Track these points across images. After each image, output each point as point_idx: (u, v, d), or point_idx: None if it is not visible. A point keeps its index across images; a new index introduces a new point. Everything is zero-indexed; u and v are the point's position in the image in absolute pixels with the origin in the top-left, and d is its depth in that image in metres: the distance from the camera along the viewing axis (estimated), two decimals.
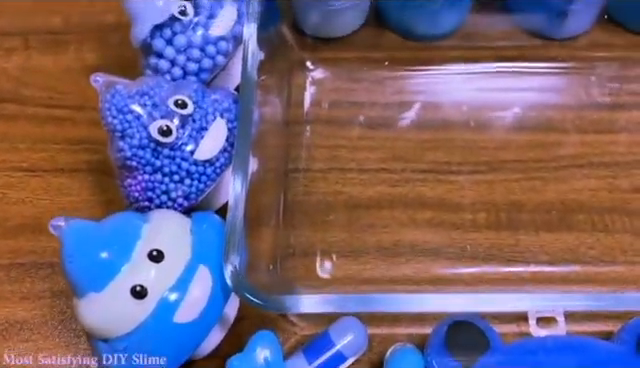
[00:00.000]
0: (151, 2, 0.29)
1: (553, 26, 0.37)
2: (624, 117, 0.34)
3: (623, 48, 0.37)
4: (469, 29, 0.38)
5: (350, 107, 0.35)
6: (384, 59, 0.36)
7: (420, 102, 0.35)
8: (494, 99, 0.35)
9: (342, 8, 0.35)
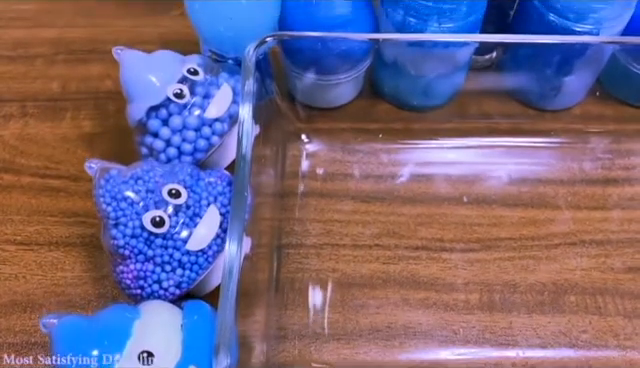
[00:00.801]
0: (148, 84, 0.30)
1: (547, 98, 0.37)
2: (616, 192, 0.35)
3: (615, 120, 0.38)
4: (463, 99, 0.38)
5: (344, 179, 0.35)
6: (378, 130, 0.37)
7: (413, 175, 0.35)
8: (487, 173, 0.35)
9: (337, 82, 0.36)
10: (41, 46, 0.41)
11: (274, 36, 0.31)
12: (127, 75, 0.30)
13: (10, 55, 0.40)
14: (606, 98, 0.38)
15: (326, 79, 0.35)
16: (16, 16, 0.43)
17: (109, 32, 0.42)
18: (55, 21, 0.42)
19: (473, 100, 0.38)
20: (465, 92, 0.38)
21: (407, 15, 0.33)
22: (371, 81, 0.38)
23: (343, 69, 0.35)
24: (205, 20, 0.31)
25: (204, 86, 0.31)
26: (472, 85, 0.39)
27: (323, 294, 0.31)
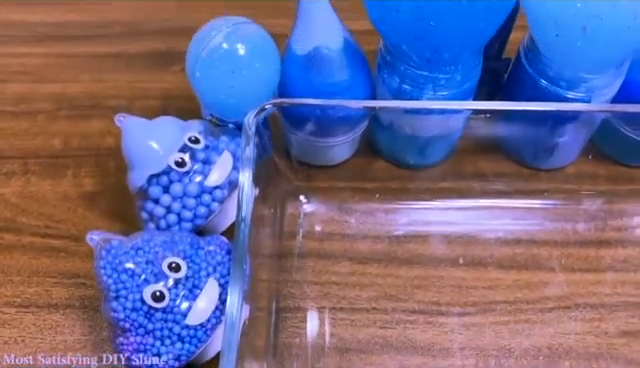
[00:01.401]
0: (150, 152, 0.30)
1: (540, 159, 0.38)
2: (609, 254, 0.35)
3: (608, 179, 0.38)
4: (459, 158, 0.39)
5: (341, 239, 0.35)
6: (375, 189, 0.37)
7: (410, 236, 0.35)
8: (483, 234, 0.36)
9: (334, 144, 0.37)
10: (43, 101, 0.41)
11: (274, 104, 0.32)
12: (129, 142, 0.31)
13: (13, 110, 0.41)
14: (600, 157, 0.39)
15: (324, 141, 0.36)
16: (20, 70, 0.44)
17: (111, 87, 0.42)
18: (58, 76, 0.43)
19: (468, 159, 0.39)
20: (461, 151, 0.39)
21: (403, 82, 0.33)
22: (368, 139, 0.39)
23: (341, 132, 0.36)
24: (206, 88, 0.32)
25: (205, 153, 0.31)
26: (467, 144, 0.39)
27: (321, 361, 0.31)
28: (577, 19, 0.30)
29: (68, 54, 0.44)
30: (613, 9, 0.29)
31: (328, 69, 0.33)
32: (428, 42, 0.31)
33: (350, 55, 0.33)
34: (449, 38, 0.31)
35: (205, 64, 0.31)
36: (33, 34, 0.46)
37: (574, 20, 0.30)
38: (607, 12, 0.29)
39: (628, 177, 0.38)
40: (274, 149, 0.36)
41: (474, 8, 0.30)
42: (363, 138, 0.38)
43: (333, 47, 0.32)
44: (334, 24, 0.32)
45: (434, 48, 0.31)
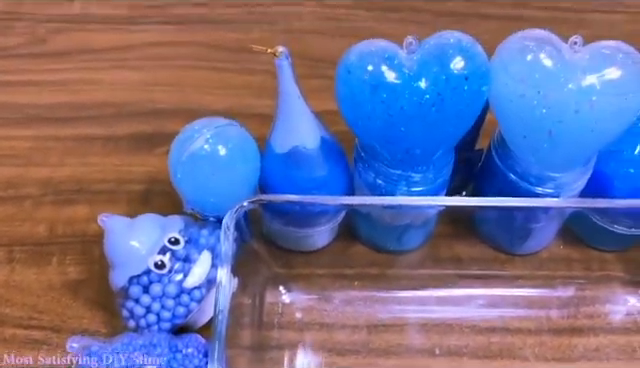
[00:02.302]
0: (130, 253, 0.31)
1: (514, 245, 0.39)
2: (582, 343, 0.36)
3: (581, 264, 0.39)
4: (436, 242, 0.40)
5: (320, 329, 0.36)
6: (354, 276, 0.38)
7: (388, 326, 0.36)
8: (459, 323, 0.36)
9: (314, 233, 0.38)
10: (31, 186, 0.42)
11: (251, 201, 0.33)
12: (110, 243, 0.32)
13: (1, 196, 0.42)
14: (574, 242, 0.40)
15: (303, 231, 0.37)
16: (10, 153, 0.44)
17: (98, 171, 0.43)
18: (47, 159, 0.44)
19: (445, 244, 0.40)
20: (438, 235, 0.40)
21: (377, 178, 0.35)
22: (348, 224, 0.40)
23: (320, 223, 0.37)
24: (187, 188, 0.33)
25: (185, 250, 0.32)
26: (445, 229, 0.41)
27: None
28: (543, 124, 0.32)
29: (57, 137, 0.46)
30: (576, 115, 0.31)
31: (306, 167, 0.34)
32: (400, 145, 0.32)
33: (327, 152, 0.35)
34: (420, 142, 0.32)
35: (186, 167, 0.32)
36: (24, 116, 0.47)
37: (540, 124, 0.32)
38: (570, 118, 0.31)
39: (601, 261, 0.39)
40: (254, 237, 0.37)
41: (443, 115, 0.31)
42: (343, 223, 0.40)
43: (310, 146, 0.34)
44: (311, 124, 0.34)
45: (405, 150, 0.33)
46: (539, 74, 0.31)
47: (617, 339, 0.36)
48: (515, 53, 0.32)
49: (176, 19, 0.56)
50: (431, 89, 0.30)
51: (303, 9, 0.56)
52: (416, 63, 0.31)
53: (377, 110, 0.31)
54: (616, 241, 0.39)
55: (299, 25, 0.55)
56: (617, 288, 0.38)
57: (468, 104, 0.32)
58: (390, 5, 0.57)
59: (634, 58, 0.32)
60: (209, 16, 0.56)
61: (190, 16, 0.56)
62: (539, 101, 0.31)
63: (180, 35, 0.54)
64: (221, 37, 0.53)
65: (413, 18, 0.57)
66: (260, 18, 0.55)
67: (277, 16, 0.56)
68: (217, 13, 0.57)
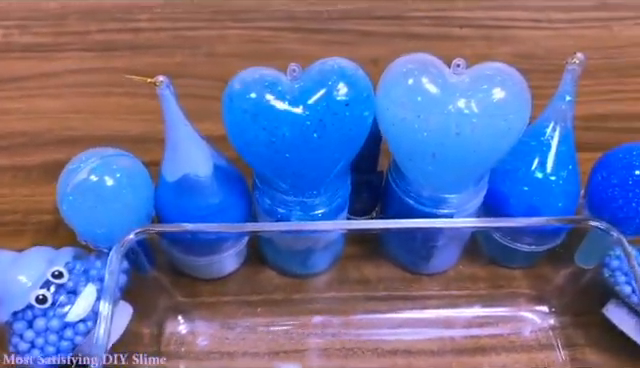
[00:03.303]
0: (12, 288, 0.31)
1: (419, 265, 0.39)
2: (486, 362, 0.36)
3: (487, 281, 0.40)
4: (344, 263, 0.40)
5: (221, 358, 0.36)
6: (259, 302, 0.38)
7: (290, 352, 0.36)
8: (362, 347, 0.36)
9: (218, 260, 0.37)
10: None
11: (139, 232, 0.33)
12: None
13: None
14: (480, 260, 0.40)
15: (204, 259, 0.37)
16: None
17: (7, 201, 0.42)
18: None
19: (353, 265, 0.40)
20: (346, 257, 0.40)
21: (273, 204, 0.35)
22: (256, 250, 0.40)
23: (219, 250, 0.37)
24: (75, 220, 0.33)
25: (73, 282, 0.32)
26: (353, 250, 0.41)
27: None
28: (426, 147, 0.32)
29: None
30: (457, 137, 0.31)
31: (198, 194, 0.34)
32: (287, 171, 0.32)
33: (222, 179, 0.35)
34: (307, 167, 0.32)
35: (71, 198, 0.32)
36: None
37: (423, 147, 0.32)
38: (452, 140, 0.31)
39: (508, 278, 0.40)
40: (156, 266, 0.37)
41: (326, 141, 0.31)
42: (252, 248, 0.40)
43: (202, 173, 0.34)
44: (202, 152, 0.34)
45: (294, 176, 0.33)
46: (419, 98, 0.31)
47: (520, 357, 0.36)
48: (397, 77, 0.32)
49: (100, 46, 0.55)
50: (312, 115, 0.31)
51: (228, 32, 0.57)
52: (298, 90, 0.31)
53: (260, 137, 0.31)
54: (520, 258, 0.39)
55: (223, 48, 0.55)
56: (523, 305, 0.38)
57: (351, 129, 0.32)
58: (315, 27, 0.58)
59: (515, 80, 0.32)
60: (134, 42, 0.56)
61: (115, 42, 0.56)
62: (420, 125, 0.31)
63: (101, 61, 0.53)
64: (141, 62, 0.53)
65: (338, 39, 0.57)
66: (184, 42, 0.56)
67: (201, 40, 0.56)
68: (143, 38, 0.57)
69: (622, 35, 0.58)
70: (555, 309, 0.38)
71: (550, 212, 0.36)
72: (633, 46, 0.57)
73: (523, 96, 0.32)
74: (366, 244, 0.41)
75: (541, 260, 0.40)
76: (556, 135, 0.36)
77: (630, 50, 0.57)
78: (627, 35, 0.58)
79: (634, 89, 0.53)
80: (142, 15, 0.58)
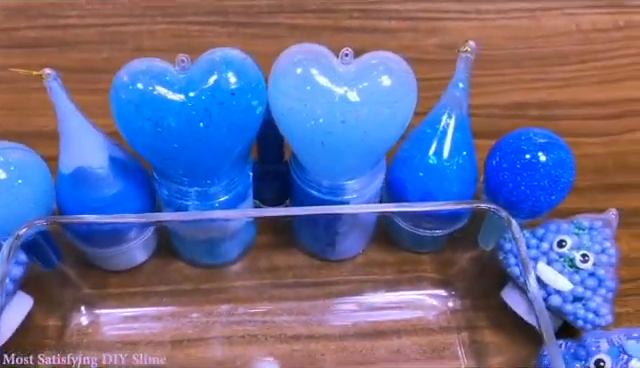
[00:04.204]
0: None
1: (326, 251, 0.40)
2: (384, 345, 0.37)
3: (395, 266, 0.41)
4: (255, 253, 0.41)
5: (123, 348, 0.36)
6: (166, 293, 0.38)
7: (193, 340, 0.36)
8: (265, 334, 0.37)
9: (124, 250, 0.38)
10: None
11: (33, 225, 0.33)
12: None
13: None
14: (389, 245, 0.41)
15: (108, 250, 0.37)
16: None
17: None
18: None
19: (265, 255, 0.41)
20: (259, 246, 0.41)
21: (170, 194, 0.35)
22: (166, 240, 0.40)
23: (125, 240, 0.37)
24: None
25: None
26: (265, 240, 0.41)
27: None
28: (314, 135, 0.32)
29: None
30: (343, 125, 0.32)
31: (94, 186, 0.34)
32: (178, 161, 0.33)
33: (120, 171, 0.35)
34: (197, 157, 0.33)
35: None
36: None
37: (312, 136, 0.32)
38: (338, 129, 0.32)
39: (415, 263, 0.41)
40: (64, 259, 0.37)
41: (214, 130, 0.32)
42: (162, 239, 0.40)
43: (96, 165, 0.34)
44: (96, 143, 0.34)
45: (185, 166, 0.33)
46: (306, 87, 0.32)
47: (419, 340, 0.37)
48: (286, 68, 0.33)
49: (28, 42, 0.55)
50: (197, 105, 0.31)
51: (156, 27, 0.57)
52: (184, 80, 0.32)
53: (146, 128, 0.31)
54: (425, 244, 0.40)
55: (150, 43, 0.55)
56: (427, 289, 0.39)
57: (240, 118, 0.32)
58: (245, 21, 0.58)
59: (399, 68, 0.33)
60: (62, 38, 0.56)
61: (42, 39, 0.56)
62: (307, 114, 0.32)
63: (28, 58, 0.53)
64: (67, 58, 0.53)
65: (267, 33, 0.57)
66: (112, 38, 0.56)
67: (128, 35, 0.56)
68: (72, 34, 0.57)
69: (548, 25, 0.59)
70: (457, 292, 0.39)
71: (445, 197, 0.36)
72: (558, 36, 0.58)
73: (408, 84, 0.33)
74: (278, 234, 0.41)
75: (447, 245, 0.41)
76: (451, 122, 0.37)
77: (555, 40, 0.58)
78: (553, 25, 0.59)
79: (556, 78, 0.54)
80: (72, 12, 0.58)
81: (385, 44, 0.58)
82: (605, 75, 0.54)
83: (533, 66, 0.55)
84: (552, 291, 0.33)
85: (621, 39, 0.58)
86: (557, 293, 0.33)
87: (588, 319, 0.33)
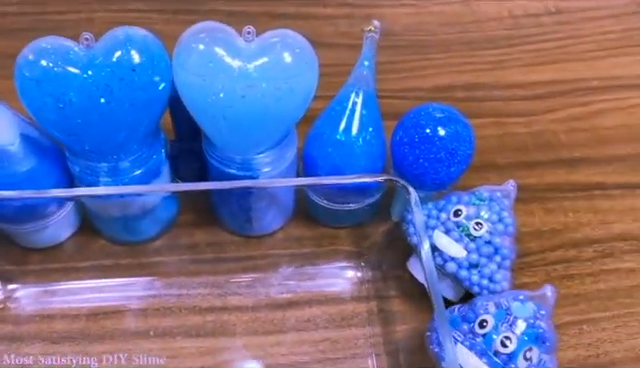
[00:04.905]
0: None
1: (244, 228, 0.41)
2: (295, 315, 0.38)
3: (313, 241, 0.42)
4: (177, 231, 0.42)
5: (40, 321, 0.37)
6: (88, 268, 0.39)
7: (107, 313, 0.37)
8: (180, 306, 0.38)
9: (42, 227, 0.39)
10: None
11: None
12: None
13: None
14: (309, 221, 0.42)
15: (25, 228, 0.38)
16: None
17: None
18: None
19: (185, 231, 0.42)
20: (181, 224, 0.42)
21: (81, 170, 0.36)
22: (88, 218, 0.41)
23: (42, 216, 0.38)
24: None
25: None
26: (188, 218, 0.42)
27: None
28: (216, 110, 0.33)
29: None
30: (243, 100, 0.33)
31: (6, 163, 0.35)
32: (82, 137, 0.34)
33: (32, 147, 0.36)
34: (101, 133, 0.34)
35: None
36: None
37: (214, 111, 0.34)
38: (239, 103, 0.33)
39: (332, 237, 0.42)
40: None
41: (116, 106, 0.33)
42: (85, 217, 0.41)
43: (7, 142, 0.35)
44: (5, 121, 0.35)
45: (90, 142, 0.34)
46: (207, 63, 0.33)
47: (329, 309, 0.38)
48: (188, 44, 0.34)
49: None
50: (98, 81, 0.32)
51: (95, 15, 0.58)
52: (86, 57, 0.33)
53: (48, 104, 0.32)
54: (342, 218, 0.41)
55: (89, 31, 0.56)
56: (341, 261, 0.41)
57: (142, 94, 0.33)
58: (182, 8, 0.59)
59: (299, 45, 0.34)
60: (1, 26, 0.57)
61: None
62: (208, 89, 0.33)
63: None
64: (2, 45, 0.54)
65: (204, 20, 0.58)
66: (50, 26, 0.56)
67: (67, 23, 0.57)
68: (9, 22, 0.57)
69: (480, 10, 0.61)
70: (369, 264, 0.40)
71: (352, 171, 0.38)
72: (489, 21, 0.60)
73: (307, 60, 0.34)
74: (201, 213, 0.42)
75: (365, 220, 0.42)
76: (359, 100, 0.38)
77: (486, 25, 0.60)
78: (484, 10, 0.61)
79: (483, 61, 0.56)
80: None
81: (321, 30, 0.60)
82: (531, 58, 0.56)
83: (462, 50, 0.57)
84: (448, 258, 0.35)
85: (551, 24, 0.60)
86: (452, 260, 0.35)
87: (483, 285, 0.35)
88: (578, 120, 0.51)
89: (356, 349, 0.36)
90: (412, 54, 0.56)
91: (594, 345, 0.38)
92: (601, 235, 0.43)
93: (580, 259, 0.42)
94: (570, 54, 0.57)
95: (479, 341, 0.31)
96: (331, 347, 0.37)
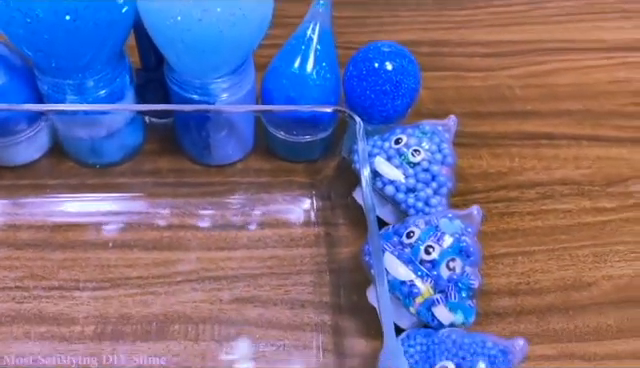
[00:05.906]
0: None
1: (204, 156, 0.44)
2: (247, 235, 0.40)
3: (270, 173, 0.44)
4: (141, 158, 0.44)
5: (7, 230, 0.39)
6: (55, 186, 0.42)
7: (73, 225, 0.40)
8: (140, 222, 0.40)
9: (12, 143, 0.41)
10: None
11: None
12: None
13: None
14: (267, 154, 0.45)
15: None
16: None
17: None
18: None
19: (149, 159, 0.44)
20: (144, 151, 0.44)
21: (49, 88, 0.38)
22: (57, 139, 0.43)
23: (11, 132, 0.40)
24: None
25: None
26: (153, 146, 0.45)
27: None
28: (174, 33, 0.36)
29: None
30: (200, 23, 0.35)
31: None
32: (48, 53, 0.36)
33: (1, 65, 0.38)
34: (68, 50, 0.36)
35: None
36: None
37: (172, 34, 0.36)
38: (196, 26, 0.35)
39: (289, 171, 0.44)
40: None
41: (82, 24, 0.35)
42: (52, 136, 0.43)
43: None
44: None
45: (56, 58, 0.36)
46: None
47: (280, 231, 0.41)
48: None
49: None
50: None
51: None
52: None
53: (16, 18, 0.34)
54: (298, 152, 0.44)
55: None
56: (295, 191, 0.43)
57: (106, 15, 0.35)
58: None
59: None
60: None
61: None
62: (166, 12, 0.35)
63: None
64: None
65: None
66: None
67: None
68: None
69: None
70: (320, 194, 0.42)
71: (305, 103, 0.40)
72: None
73: None
74: (166, 141, 0.45)
75: (320, 154, 0.44)
76: (314, 36, 0.40)
77: None
78: None
79: (450, 20, 0.58)
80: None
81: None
82: (495, 20, 0.58)
83: (431, 10, 0.59)
84: (387, 181, 0.37)
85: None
86: (391, 183, 0.37)
87: (418, 207, 0.37)
88: (534, 77, 0.53)
89: (301, 266, 0.39)
90: (381, 11, 0.59)
91: (526, 274, 0.40)
92: (543, 179, 0.46)
93: (522, 199, 0.44)
94: (533, 18, 0.59)
95: (407, 251, 0.34)
96: (278, 263, 0.39)
